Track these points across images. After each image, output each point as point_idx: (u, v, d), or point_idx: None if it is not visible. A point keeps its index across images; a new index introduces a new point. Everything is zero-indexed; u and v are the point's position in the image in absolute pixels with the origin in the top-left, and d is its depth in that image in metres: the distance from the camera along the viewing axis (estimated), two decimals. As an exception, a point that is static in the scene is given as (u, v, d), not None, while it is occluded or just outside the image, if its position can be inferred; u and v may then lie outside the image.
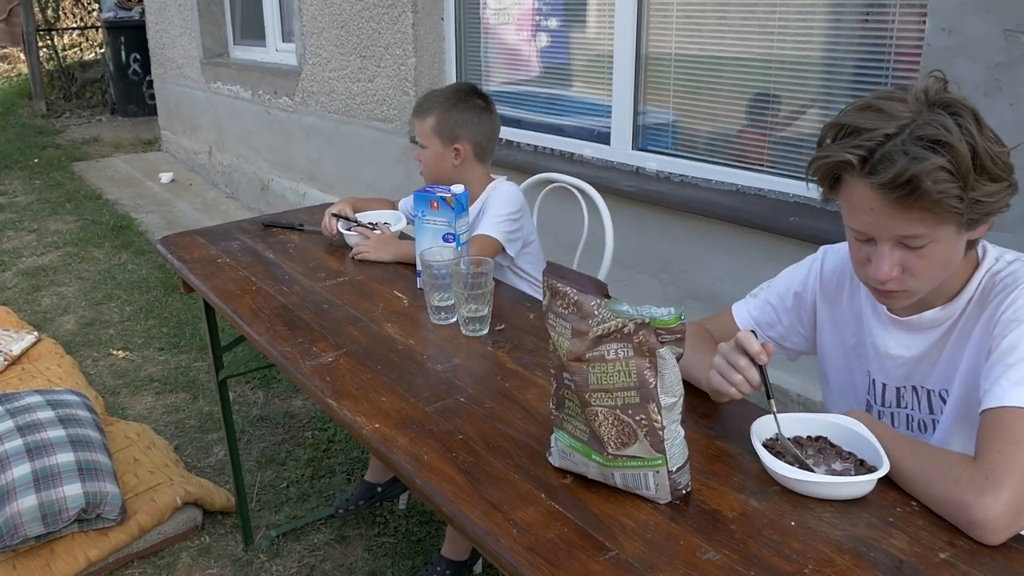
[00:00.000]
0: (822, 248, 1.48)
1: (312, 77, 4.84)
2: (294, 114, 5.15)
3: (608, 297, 1.16)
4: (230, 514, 2.70)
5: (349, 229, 2.30)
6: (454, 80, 4.00)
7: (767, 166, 2.73)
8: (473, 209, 2.28)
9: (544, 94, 3.56)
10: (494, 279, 2.08)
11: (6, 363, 3.40)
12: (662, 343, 1.13)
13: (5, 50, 12.26)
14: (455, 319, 1.81)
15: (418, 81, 3.98)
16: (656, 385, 1.14)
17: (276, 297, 1.99)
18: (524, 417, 1.44)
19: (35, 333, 3.66)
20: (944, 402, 1.29)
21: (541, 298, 2.39)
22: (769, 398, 1.27)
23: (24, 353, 3.51)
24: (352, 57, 4.41)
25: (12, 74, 12.36)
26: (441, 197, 1.93)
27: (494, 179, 2.32)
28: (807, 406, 2.48)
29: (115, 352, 3.80)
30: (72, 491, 2.40)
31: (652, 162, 3.08)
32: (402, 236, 2.32)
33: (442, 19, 3.93)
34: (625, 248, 2.99)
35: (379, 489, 2.49)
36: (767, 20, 2.64)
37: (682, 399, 1.18)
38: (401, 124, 4.14)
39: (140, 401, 3.40)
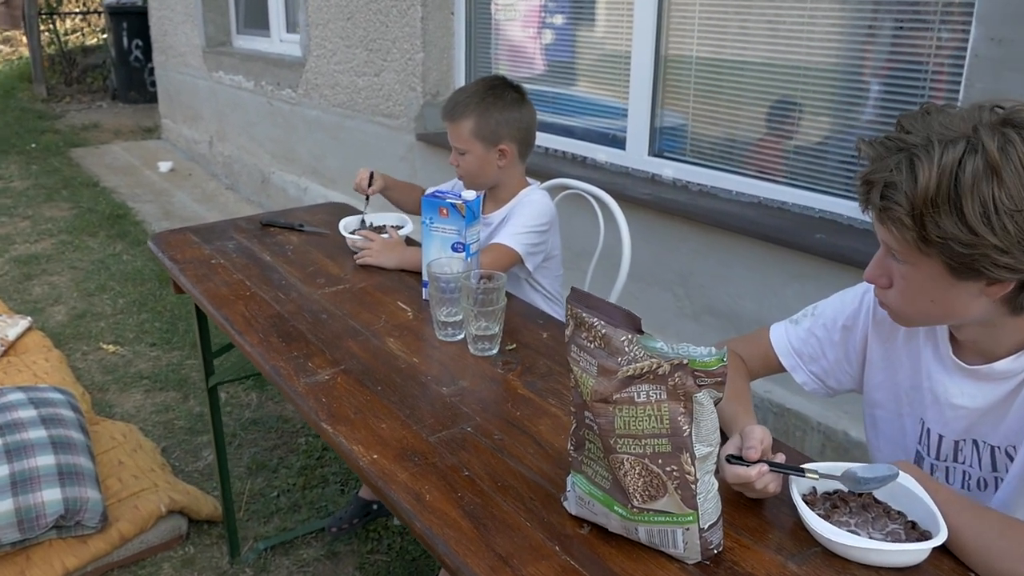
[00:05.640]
0: None
1: (316, 69, 4.71)
2: (297, 106, 5.02)
3: (640, 332, 1.03)
4: (217, 524, 2.58)
5: (353, 232, 2.18)
6: (463, 77, 3.87)
7: (791, 178, 2.61)
8: (499, 213, 2.16)
9: (557, 94, 3.44)
10: (510, 292, 1.97)
11: (2, 348, 3.28)
12: (700, 386, 1.01)
13: (7, 33, 12.11)
14: (463, 336, 1.69)
15: (426, 77, 3.85)
16: (691, 433, 1.02)
17: (271, 304, 1.86)
18: (536, 452, 1.32)
19: (28, 319, 3.54)
20: (1011, 459, 1.17)
21: (554, 314, 2.28)
22: (801, 473, 1.14)
23: (19, 338, 3.40)
24: (358, 50, 4.28)
25: (13, 57, 12.21)
26: (451, 204, 1.80)
27: (530, 184, 2.20)
28: (827, 435, 2.36)
29: (105, 346, 3.68)
30: (51, 496, 2.28)
31: (669, 169, 2.95)
32: (408, 241, 2.20)
33: (452, 13, 3.80)
34: (638, 259, 2.85)
35: (374, 507, 2.37)
36: (795, 23, 2.51)
37: (718, 448, 1.06)
38: (407, 120, 4.01)
39: (129, 399, 3.28)
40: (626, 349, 1.03)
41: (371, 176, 2.30)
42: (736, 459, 1.14)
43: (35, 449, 2.38)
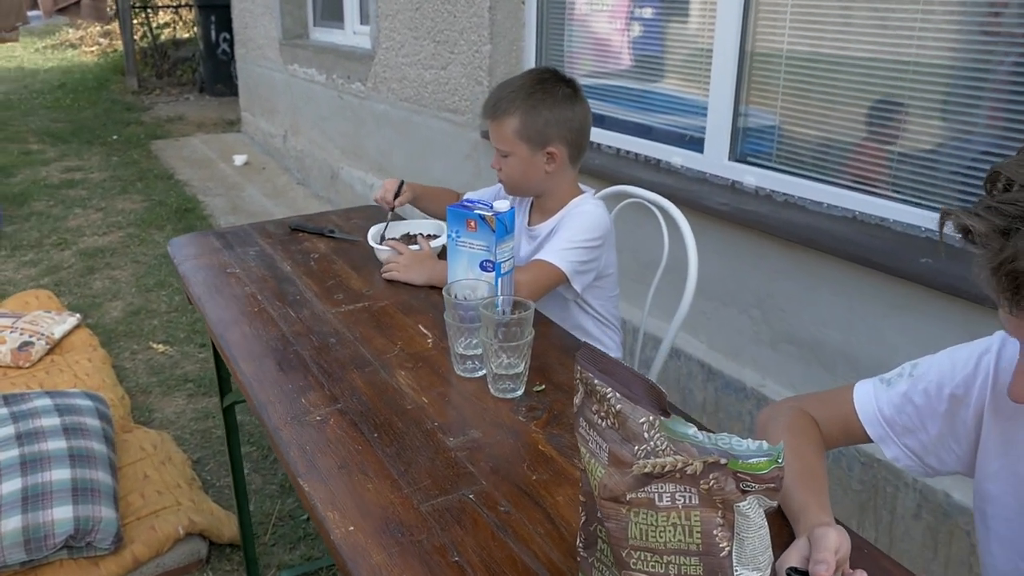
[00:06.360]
0: (998, 335, 1.03)
1: (385, 62, 4.53)
2: (366, 100, 4.86)
3: (666, 414, 0.76)
4: (240, 547, 2.40)
5: (381, 243, 1.96)
6: (533, 71, 3.61)
7: (893, 190, 2.25)
8: (547, 225, 1.91)
9: (631, 90, 3.14)
10: (546, 318, 1.71)
11: (47, 346, 3.21)
12: (744, 492, 0.73)
13: (108, 27, 12.46)
14: (484, 372, 1.44)
15: (493, 70, 3.61)
16: (731, 552, 0.74)
17: (278, 324, 1.65)
18: (547, 533, 1.06)
19: (77, 316, 3.47)
20: None
21: (608, 340, 2.00)
22: None
23: (65, 336, 3.33)
24: (425, 42, 4.07)
25: (110, 50, 12.56)
26: (479, 215, 1.55)
27: (583, 192, 1.93)
28: (925, 495, 2.01)
29: (155, 345, 3.58)
30: (61, 515, 2.14)
31: (751, 176, 2.62)
32: (444, 254, 1.96)
33: (523, 3, 3.54)
34: (712, 275, 2.56)
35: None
36: (906, 14, 2.15)
37: (769, 571, 0.77)
38: (472, 117, 3.78)
39: (171, 403, 3.15)
40: (645, 435, 0.75)
41: (400, 186, 2.08)
42: (800, 574, 0.85)
43: (52, 462, 2.25)
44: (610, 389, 0.80)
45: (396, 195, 2.07)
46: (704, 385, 2.63)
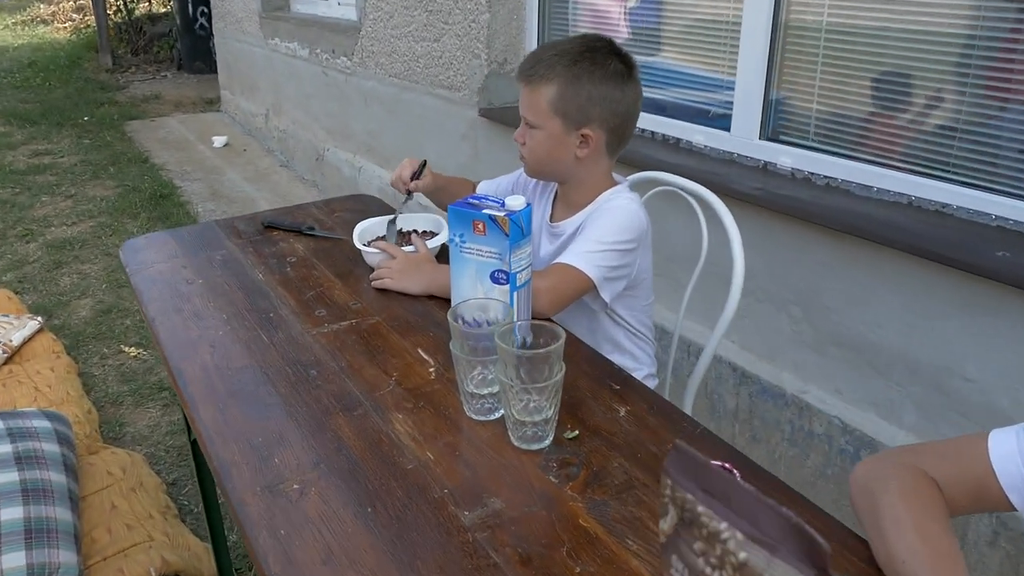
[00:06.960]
0: None
1: (372, 35, 4.20)
2: (352, 76, 4.53)
3: (825, 573, 0.48)
4: (221, 587, 2.14)
5: (368, 244, 1.67)
6: (535, 41, 3.30)
7: (955, 172, 1.97)
8: (572, 221, 1.61)
9: (648, 63, 2.83)
10: (571, 334, 1.42)
11: (5, 355, 2.91)
12: None
13: (80, 1, 11.98)
14: (502, 413, 1.16)
15: (491, 42, 3.29)
16: None
17: (247, 351, 1.36)
18: (604, 663, 0.78)
19: (38, 319, 3.16)
20: None
21: (640, 352, 1.69)
22: None
23: (25, 343, 3.03)
24: (417, 11, 3.75)
25: (83, 26, 12.09)
26: (489, 216, 1.27)
27: (617, 183, 1.64)
28: (1002, 520, 1.74)
29: (127, 349, 3.29)
30: (12, 562, 1.86)
31: (787, 157, 2.33)
32: (443, 255, 1.67)
33: (522, -35, 3.23)
34: (746, 269, 2.27)
35: None
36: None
37: None
38: (469, 93, 3.47)
39: (143, 415, 2.87)
40: (799, 613, 0.47)
41: (422, 167, 1.79)
42: None
43: (1, 499, 1.97)
44: (725, 524, 0.51)
45: (416, 177, 1.77)
46: (736, 390, 2.36)
